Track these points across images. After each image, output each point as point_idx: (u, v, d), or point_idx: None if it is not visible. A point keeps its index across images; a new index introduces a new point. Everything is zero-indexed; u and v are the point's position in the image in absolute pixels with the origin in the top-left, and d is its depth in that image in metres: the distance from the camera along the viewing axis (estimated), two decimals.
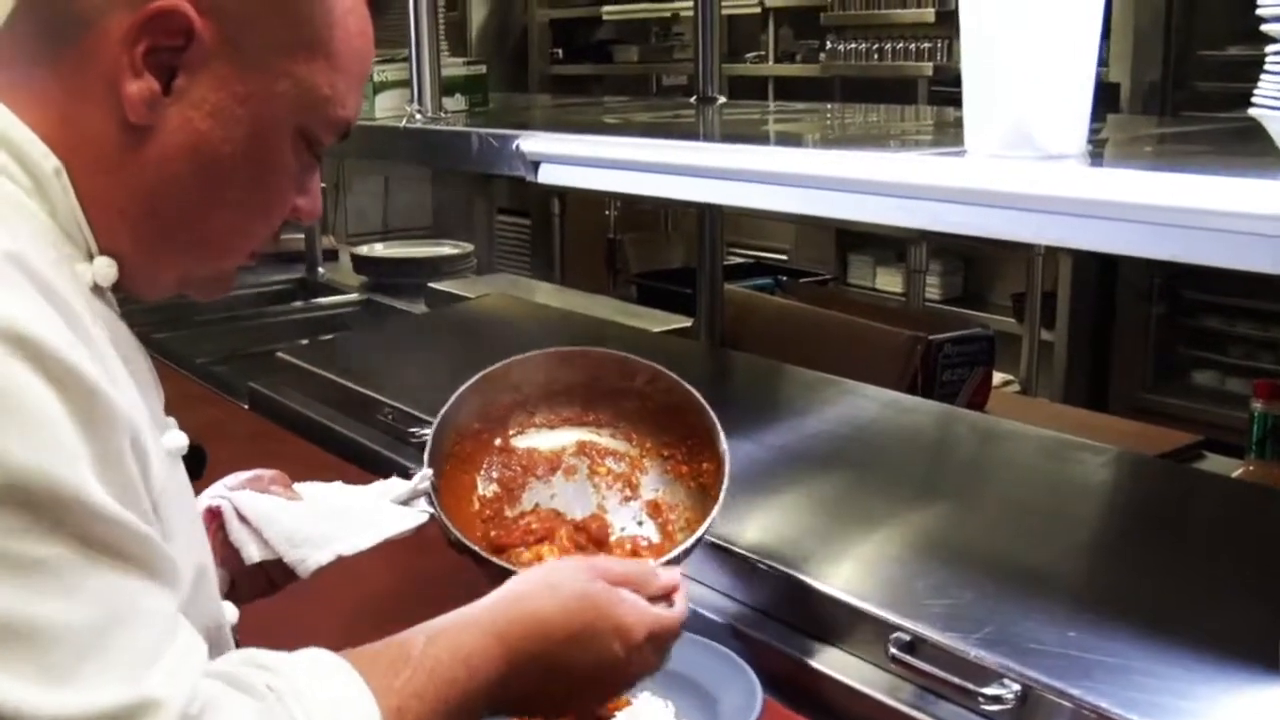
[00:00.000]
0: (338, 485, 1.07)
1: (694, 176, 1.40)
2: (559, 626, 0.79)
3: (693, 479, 1.16)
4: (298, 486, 1.05)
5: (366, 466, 1.62)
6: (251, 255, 0.82)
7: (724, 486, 1.07)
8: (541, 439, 1.19)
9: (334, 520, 1.00)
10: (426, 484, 1.05)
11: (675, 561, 1.04)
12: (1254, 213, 0.91)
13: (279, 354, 2.01)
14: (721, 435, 1.11)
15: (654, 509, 1.16)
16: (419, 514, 1.03)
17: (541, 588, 0.81)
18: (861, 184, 1.20)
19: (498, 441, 1.18)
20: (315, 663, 0.71)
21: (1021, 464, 1.47)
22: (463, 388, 1.16)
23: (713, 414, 1.13)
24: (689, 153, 1.27)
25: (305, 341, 2.58)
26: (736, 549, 1.18)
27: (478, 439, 1.17)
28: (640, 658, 0.83)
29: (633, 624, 0.82)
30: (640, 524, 1.15)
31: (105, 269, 0.74)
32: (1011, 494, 1.37)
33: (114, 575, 0.62)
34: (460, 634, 0.76)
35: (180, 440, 0.79)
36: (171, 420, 0.81)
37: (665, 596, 0.87)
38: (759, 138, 1.60)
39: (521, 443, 1.19)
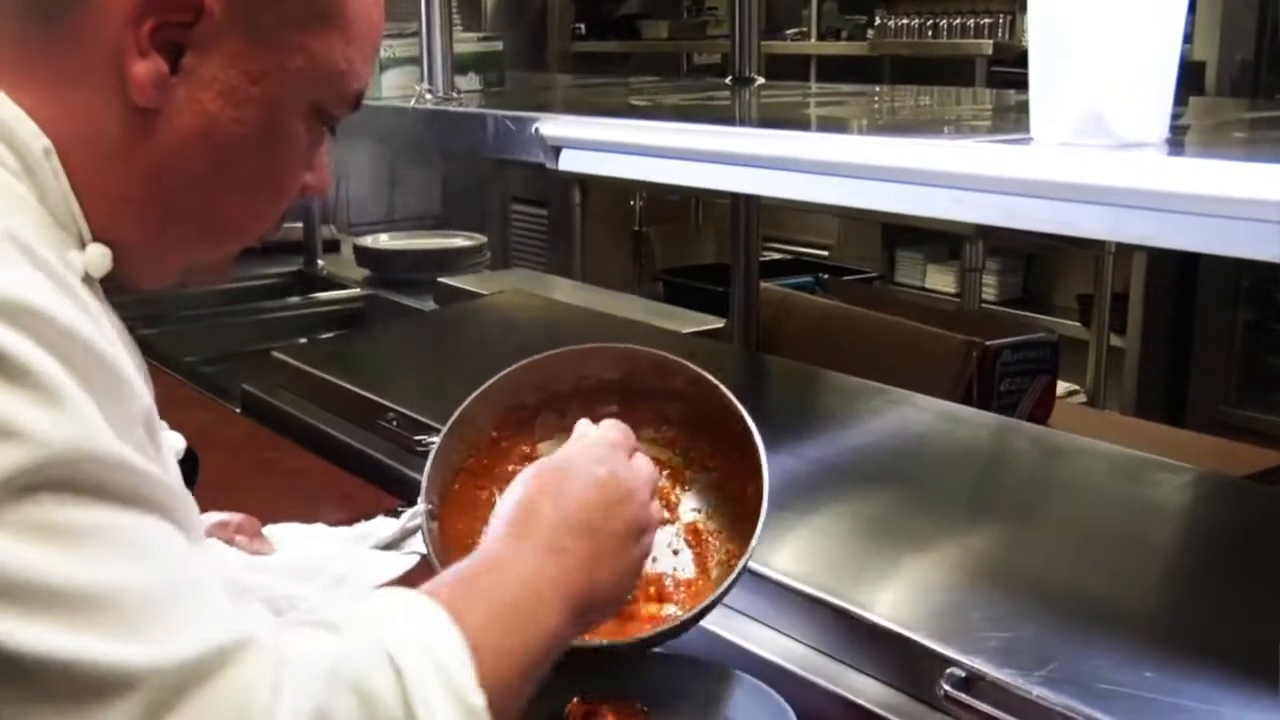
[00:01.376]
0: (317, 528, 1.05)
1: (729, 165, 1.39)
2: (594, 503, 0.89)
3: (734, 501, 1.14)
4: (269, 530, 1.05)
5: (368, 476, 1.63)
6: (260, 238, 0.83)
7: (761, 521, 1.05)
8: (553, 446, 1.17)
9: (302, 582, 0.98)
10: (418, 521, 1.03)
11: (708, 609, 1.04)
12: None
13: (274, 353, 2.02)
14: (763, 456, 1.09)
15: (693, 535, 1.15)
16: (405, 559, 1.02)
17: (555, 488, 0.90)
18: (915, 174, 1.20)
19: (524, 449, 1.16)
20: (388, 597, 0.75)
21: (1090, 483, 1.46)
22: (474, 394, 1.14)
23: (756, 431, 1.11)
24: (724, 139, 1.27)
25: (303, 340, 2.59)
26: (773, 574, 1.17)
27: (495, 450, 1.15)
28: (632, 475, 0.93)
29: (607, 454, 0.93)
30: (676, 553, 1.14)
31: (99, 258, 0.74)
32: (1079, 516, 1.35)
33: (167, 530, 0.64)
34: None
35: (177, 442, 0.80)
36: (163, 423, 0.81)
37: None
38: (801, 123, 1.60)
39: (550, 450, 1.15)
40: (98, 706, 0.58)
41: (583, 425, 1.00)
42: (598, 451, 0.93)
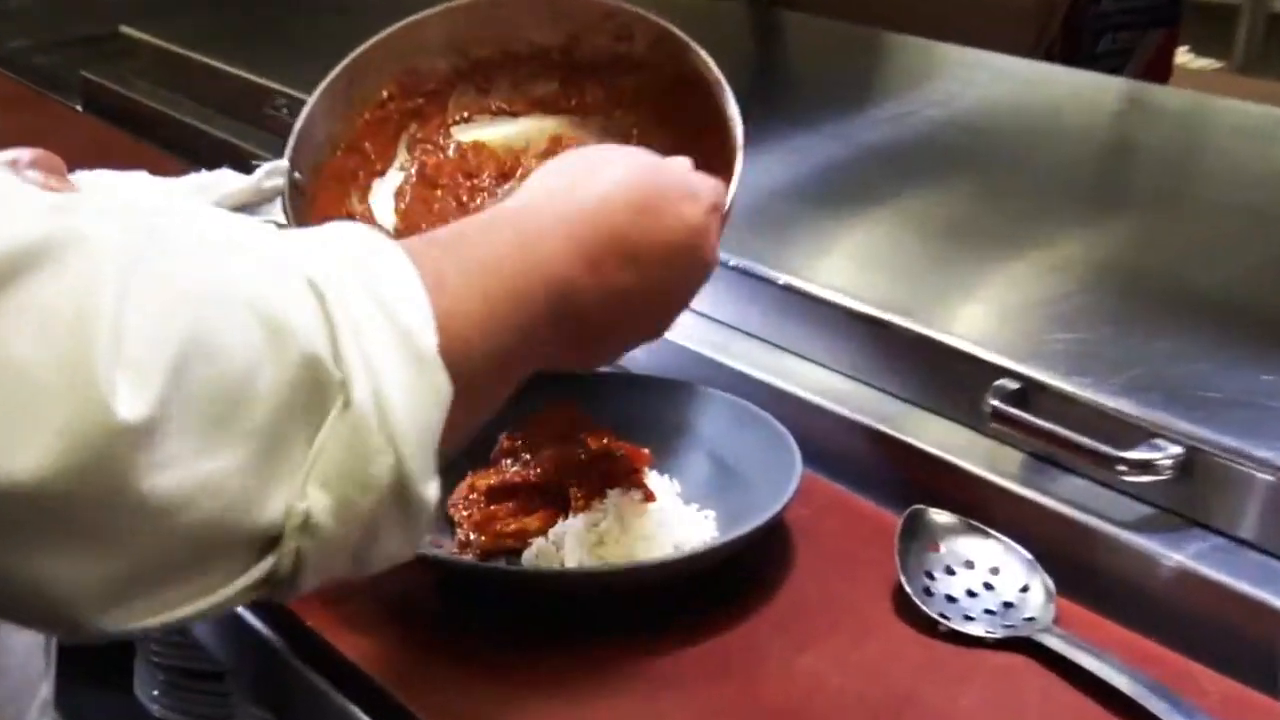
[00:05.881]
0: (139, 176, 1.03)
1: None
2: (621, 198, 0.83)
3: None
4: (78, 176, 1.02)
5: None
6: None
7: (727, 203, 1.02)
8: (496, 129, 1.18)
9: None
10: (277, 182, 1.02)
11: None
12: None
13: (123, 30, 1.99)
14: (739, 133, 1.05)
15: None
16: (260, 226, 0.98)
17: (585, 168, 0.86)
18: None
19: (417, 129, 1.16)
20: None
21: (1222, 154, 1.46)
22: (365, 45, 1.12)
23: (732, 97, 1.07)
24: None
25: None
26: (781, 278, 1.17)
27: (388, 122, 1.15)
28: (716, 224, 0.89)
29: (697, 184, 0.89)
30: None
31: None
32: (1198, 194, 1.35)
33: None
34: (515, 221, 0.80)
35: None
36: None
37: None
38: None
39: (465, 134, 1.17)
40: None
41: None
42: (704, 200, 0.89)
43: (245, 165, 1.07)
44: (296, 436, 0.61)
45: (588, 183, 0.83)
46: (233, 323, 0.59)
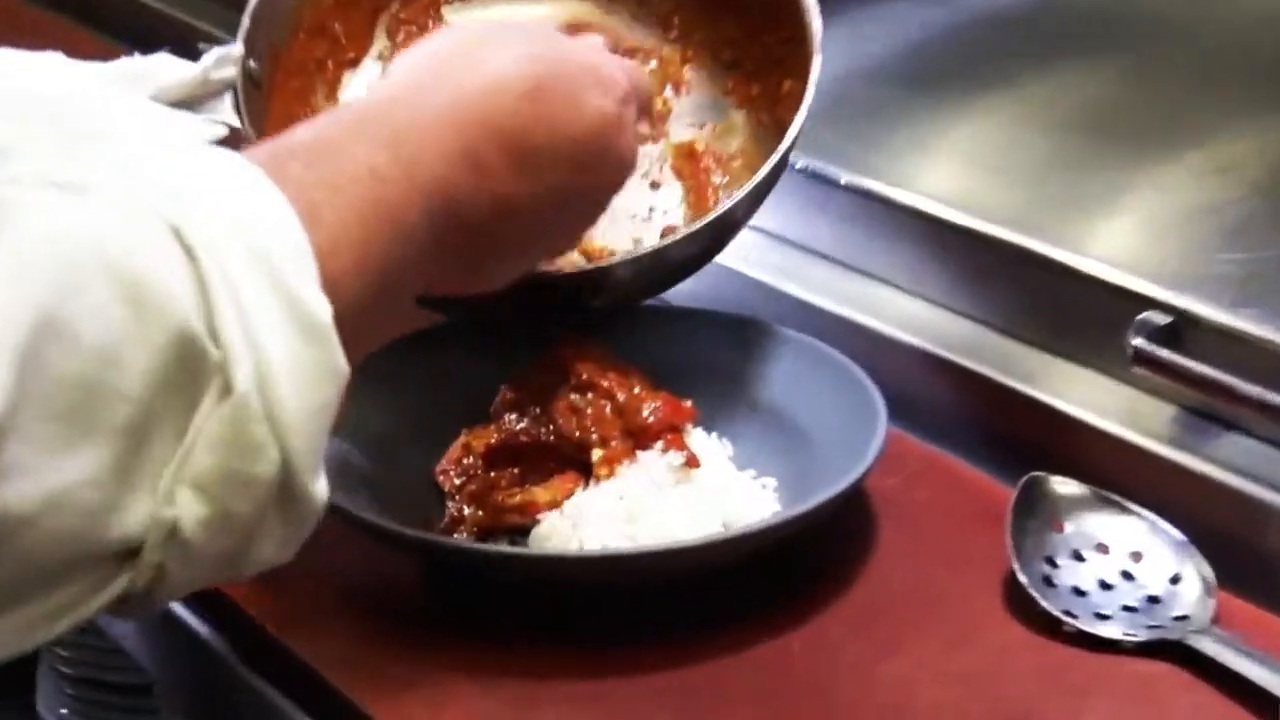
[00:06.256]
0: (52, 58, 1.03)
1: None
2: (511, 86, 0.87)
3: (766, 109, 1.16)
4: None
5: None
6: None
7: (800, 118, 1.05)
8: (498, 11, 1.20)
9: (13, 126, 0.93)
10: (228, 72, 1.03)
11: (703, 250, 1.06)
12: None
13: None
14: (815, 19, 1.09)
15: (687, 159, 1.18)
16: (200, 124, 1.00)
17: (467, 50, 0.90)
18: None
19: (400, 8, 1.19)
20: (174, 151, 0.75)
21: None
22: None
23: None
24: None
25: None
26: (857, 181, 1.17)
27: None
28: (630, 116, 0.93)
29: (609, 67, 0.93)
30: (655, 188, 1.17)
31: None
32: None
33: None
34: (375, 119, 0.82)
35: None
36: None
37: None
38: None
39: (458, 16, 1.20)
40: None
41: None
42: (619, 87, 0.92)
43: (187, 47, 1.08)
44: (163, 431, 0.63)
45: (471, 68, 0.87)
46: (90, 295, 0.61)
